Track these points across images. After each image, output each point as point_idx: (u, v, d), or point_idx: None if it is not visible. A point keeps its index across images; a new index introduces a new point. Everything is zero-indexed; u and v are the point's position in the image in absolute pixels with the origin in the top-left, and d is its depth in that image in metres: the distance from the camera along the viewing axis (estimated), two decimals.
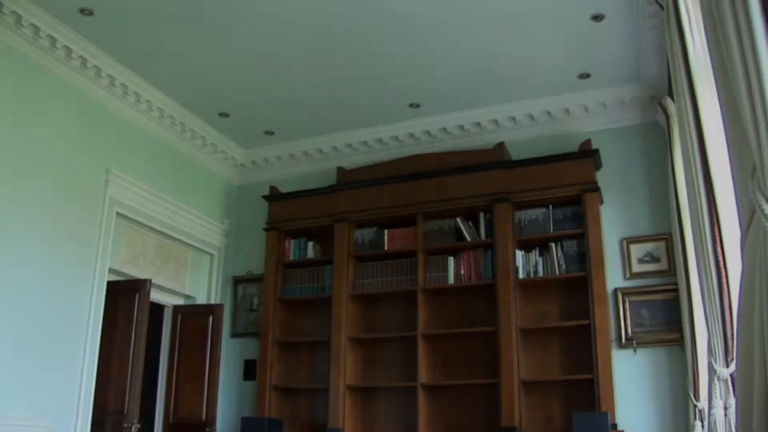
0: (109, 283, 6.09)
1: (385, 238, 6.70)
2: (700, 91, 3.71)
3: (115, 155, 6.24)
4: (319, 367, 6.79)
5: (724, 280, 3.73)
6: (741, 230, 1.86)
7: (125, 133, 6.41)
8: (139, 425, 6.06)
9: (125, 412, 6.02)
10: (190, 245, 7.26)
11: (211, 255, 7.57)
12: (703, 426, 4.91)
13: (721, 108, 2.06)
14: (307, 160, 7.60)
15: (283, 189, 7.33)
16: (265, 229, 7.20)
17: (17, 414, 5.05)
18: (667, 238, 5.93)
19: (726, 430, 3.95)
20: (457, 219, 6.45)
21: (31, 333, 5.26)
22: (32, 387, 5.23)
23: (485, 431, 5.96)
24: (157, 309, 7.17)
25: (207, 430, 6.80)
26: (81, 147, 5.89)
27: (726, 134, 2.00)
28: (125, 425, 5.98)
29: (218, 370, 7.00)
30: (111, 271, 6.21)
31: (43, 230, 5.44)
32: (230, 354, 7.34)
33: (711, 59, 2.10)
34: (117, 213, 6.19)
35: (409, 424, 6.28)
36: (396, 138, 7.15)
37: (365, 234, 6.81)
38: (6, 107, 5.22)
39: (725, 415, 3.97)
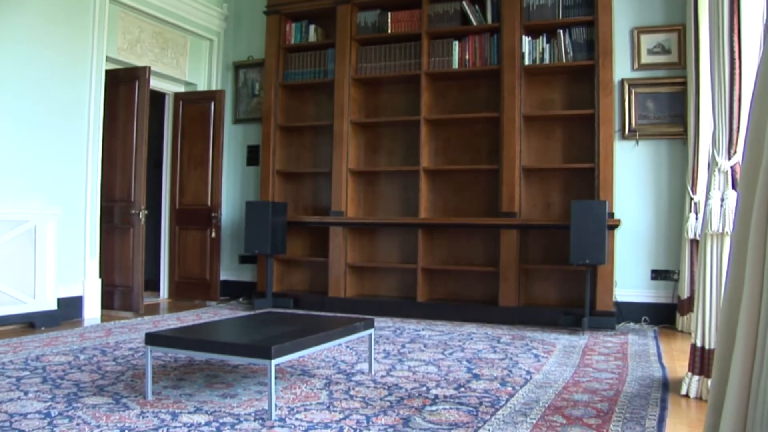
0: (107, 71, 6.00)
1: (389, 20, 6.49)
2: None
3: None
4: (322, 151, 6.86)
5: (737, 71, 3.67)
6: (766, 12, 1.79)
7: None
8: (146, 211, 6.21)
9: (132, 199, 6.16)
10: (188, 31, 7.07)
11: (211, 40, 7.39)
12: (697, 218, 5.05)
13: None
14: None
15: None
16: (266, 13, 6.96)
17: (29, 203, 5.18)
18: (680, 30, 5.75)
19: (721, 220, 4.05)
20: (463, 2, 6.21)
21: (33, 127, 5.27)
22: (40, 178, 5.33)
23: (485, 216, 6.12)
24: (158, 97, 7.13)
25: (213, 214, 7.00)
26: None
27: None
28: (133, 212, 6.14)
29: (221, 156, 7.07)
30: (109, 59, 6.09)
31: (33, 20, 5.26)
32: (233, 140, 7.39)
33: None
34: None
35: (410, 207, 6.45)
36: None
37: (368, 16, 6.59)
38: None
39: (721, 206, 4.05)
